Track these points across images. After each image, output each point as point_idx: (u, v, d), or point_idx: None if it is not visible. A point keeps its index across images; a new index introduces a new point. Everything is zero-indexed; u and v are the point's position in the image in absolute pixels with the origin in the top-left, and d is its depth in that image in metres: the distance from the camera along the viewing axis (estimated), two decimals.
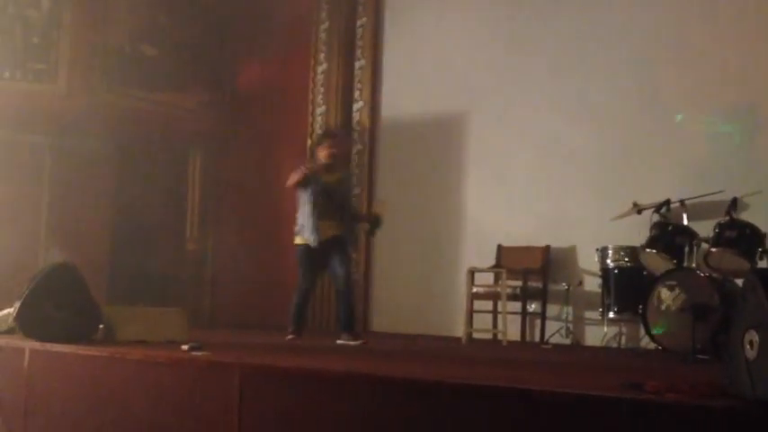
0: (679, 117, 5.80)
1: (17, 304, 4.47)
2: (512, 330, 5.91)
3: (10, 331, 4.63)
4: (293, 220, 8.10)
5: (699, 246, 4.94)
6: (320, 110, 7.90)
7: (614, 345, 5.70)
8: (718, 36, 5.72)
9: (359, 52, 7.77)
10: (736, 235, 4.74)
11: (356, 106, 7.72)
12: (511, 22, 6.83)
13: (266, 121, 8.27)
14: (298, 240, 5.70)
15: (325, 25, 7.95)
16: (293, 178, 5.61)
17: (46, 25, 7.65)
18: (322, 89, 7.90)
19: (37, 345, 4.15)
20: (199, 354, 3.74)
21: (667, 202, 5.28)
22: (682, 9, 5.91)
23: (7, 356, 4.23)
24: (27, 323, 4.40)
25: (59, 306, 4.39)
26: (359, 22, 7.79)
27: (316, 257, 5.59)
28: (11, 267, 6.26)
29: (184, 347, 3.93)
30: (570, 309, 6.10)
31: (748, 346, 2.21)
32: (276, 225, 8.19)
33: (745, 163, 5.48)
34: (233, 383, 3.21)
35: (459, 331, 6.02)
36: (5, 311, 4.80)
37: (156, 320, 4.67)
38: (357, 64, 7.76)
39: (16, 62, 7.47)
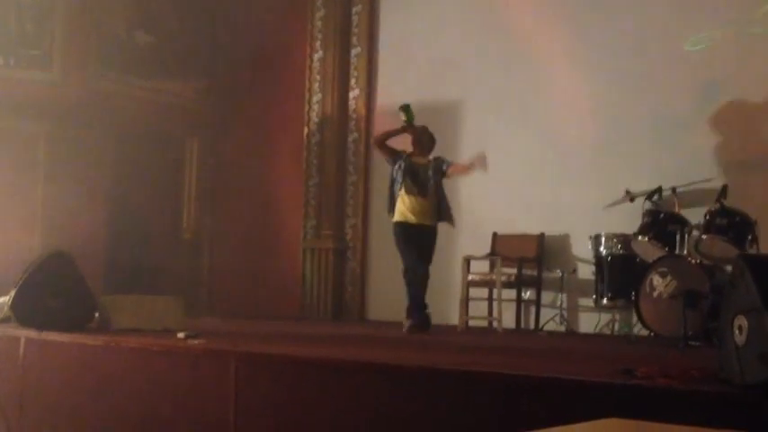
0: None
1: (12, 293, 4.47)
2: (507, 318, 5.92)
3: (5, 320, 4.63)
4: (290, 209, 8.14)
5: (690, 233, 4.95)
6: (316, 97, 7.87)
7: (608, 331, 5.73)
8: (709, 24, 5.72)
9: (354, 40, 7.73)
10: (727, 222, 4.76)
11: (352, 94, 7.70)
12: (505, 11, 6.80)
13: (263, 108, 8.24)
14: (396, 218, 5.66)
15: (321, 13, 7.91)
16: (384, 133, 5.83)
17: (40, 12, 7.60)
18: (318, 77, 7.87)
19: (32, 333, 4.15)
20: (195, 342, 3.75)
21: (659, 190, 5.29)
22: None
23: (3, 345, 4.24)
24: (22, 312, 4.40)
25: (55, 295, 4.39)
26: (354, 10, 7.75)
27: (412, 234, 5.56)
28: (6, 256, 6.25)
29: (180, 336, 3.93)
30: (564, 296, 6.12)
31: (737, 332, 2.22)
32: (272, 214, 8.19)
33: (736, 151, 5.49)
34: (229, 371, 3.22)
35: (455, 319, 6.04)
36: (1, 300, 4.80)
37: (152, 309, 4.67)
38: (353, 52, 7.73)
39: (10, 49, 7.42)
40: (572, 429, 1.85)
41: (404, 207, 5.59)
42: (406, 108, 5.71)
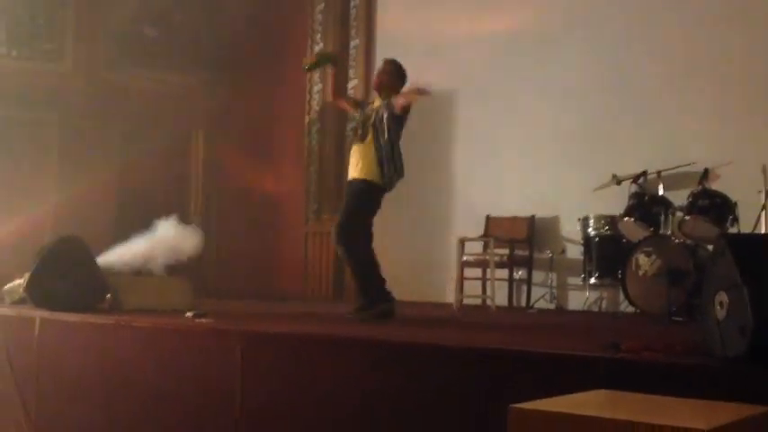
0: None
1: (27, 276, 4.46)
2: (500, 296, 5.94)
3: (21, 301, 4.63)
4: (293, 194, 8.13)
5: (673, 214, 4.95)
6: (317, 87, 7.85)
7: (595, 309, 5.74)
8: (690, 17, 5.69)
9: (353, 32, 7.70)
10: (708, 203, 4.76)
11: (351, 84, 7.67)
12: (499, 4, 6.77)
13: (265, 98, 8.21)
14: None
15: (321, 6, 7.86)
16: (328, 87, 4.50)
17: (51, 6, 7.56)
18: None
19: (46, 314, 4.15)
20: (202, 321, 3.75)
21: (644, 174, 5.30)
22: None
23: (19, 325, 4.24)
24: (37, 293, 4.40)
25: (67, 277, 4.39)
26: (352, 3, 7.71)
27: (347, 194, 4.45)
28: (21, 240, 6.24)
29: (188, 315, 3.93)
30: (554, 275, 6.13)
31: (718, 307, 2.22)
32: (276, 199, 8.18)
33: (716, 136, 5.48)
34: (235, 349, 3.22)
35: (451, 298, 6.04)
36: (16, 282, 4.80)
37: (161, 289, 4.67)
38: (351, 43, 7.69)
39: (23, 42, 7.39)
40: (563, 399, 1.86)
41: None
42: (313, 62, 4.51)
